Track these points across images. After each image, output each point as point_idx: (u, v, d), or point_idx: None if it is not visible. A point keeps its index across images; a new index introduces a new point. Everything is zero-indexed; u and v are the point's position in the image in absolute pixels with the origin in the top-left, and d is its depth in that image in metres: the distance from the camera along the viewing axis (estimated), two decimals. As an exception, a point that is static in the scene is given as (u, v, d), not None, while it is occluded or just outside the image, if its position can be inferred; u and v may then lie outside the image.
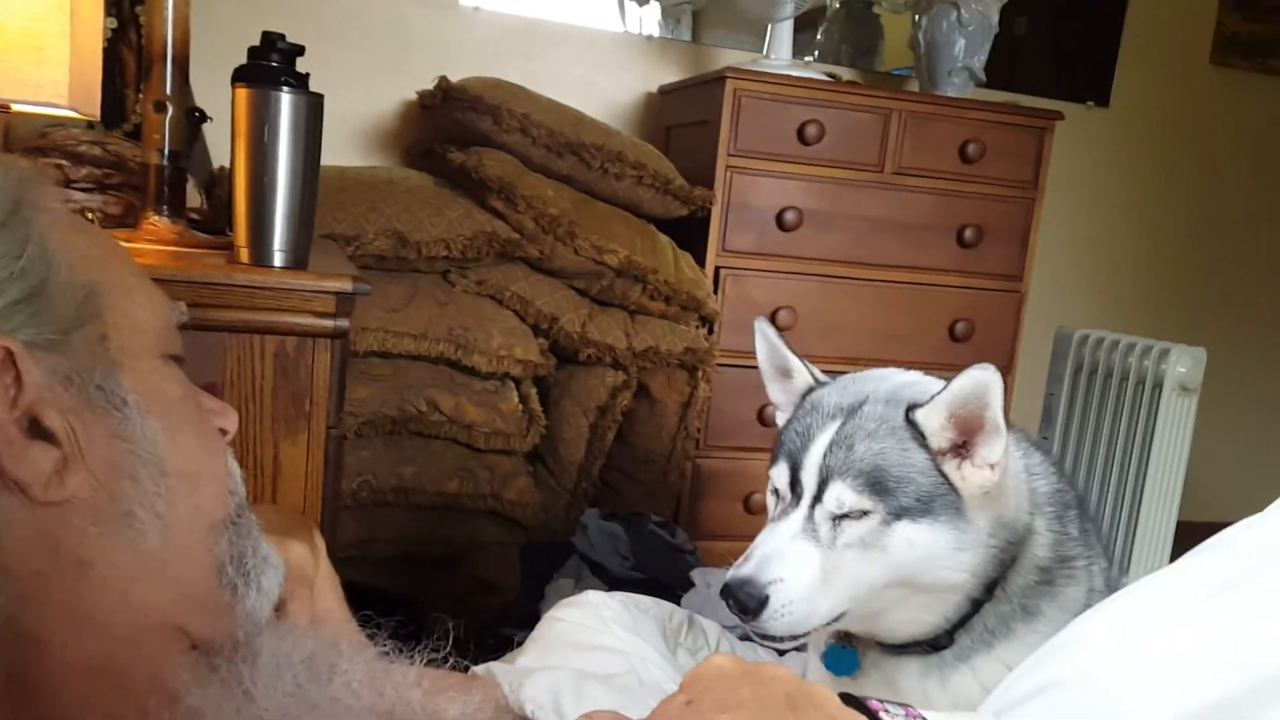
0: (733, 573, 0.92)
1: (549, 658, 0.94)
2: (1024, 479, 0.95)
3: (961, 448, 0.89)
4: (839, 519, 0.89)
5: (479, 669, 0.80)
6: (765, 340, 1.02)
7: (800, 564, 0.89)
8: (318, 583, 0.78)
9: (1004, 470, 0.89)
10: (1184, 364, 2.28)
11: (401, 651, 0.66)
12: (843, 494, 0.89)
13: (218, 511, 0.65)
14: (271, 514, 0.79)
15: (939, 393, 0.89)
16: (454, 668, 0.68)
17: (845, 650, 0.97)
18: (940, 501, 0.88)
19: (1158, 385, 2.30)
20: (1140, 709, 0.57)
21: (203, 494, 0.64)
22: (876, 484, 0.88)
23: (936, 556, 0.88)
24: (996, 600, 0.91)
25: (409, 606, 1.86)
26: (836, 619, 0.90)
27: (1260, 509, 0.68)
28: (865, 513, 0.88)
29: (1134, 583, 0.67)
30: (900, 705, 0.59)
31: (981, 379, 0.85)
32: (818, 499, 0.90)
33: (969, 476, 0.89)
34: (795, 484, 0.92)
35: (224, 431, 0.70)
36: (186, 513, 0.62)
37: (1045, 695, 0.64)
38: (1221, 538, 0.66)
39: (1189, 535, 1.40)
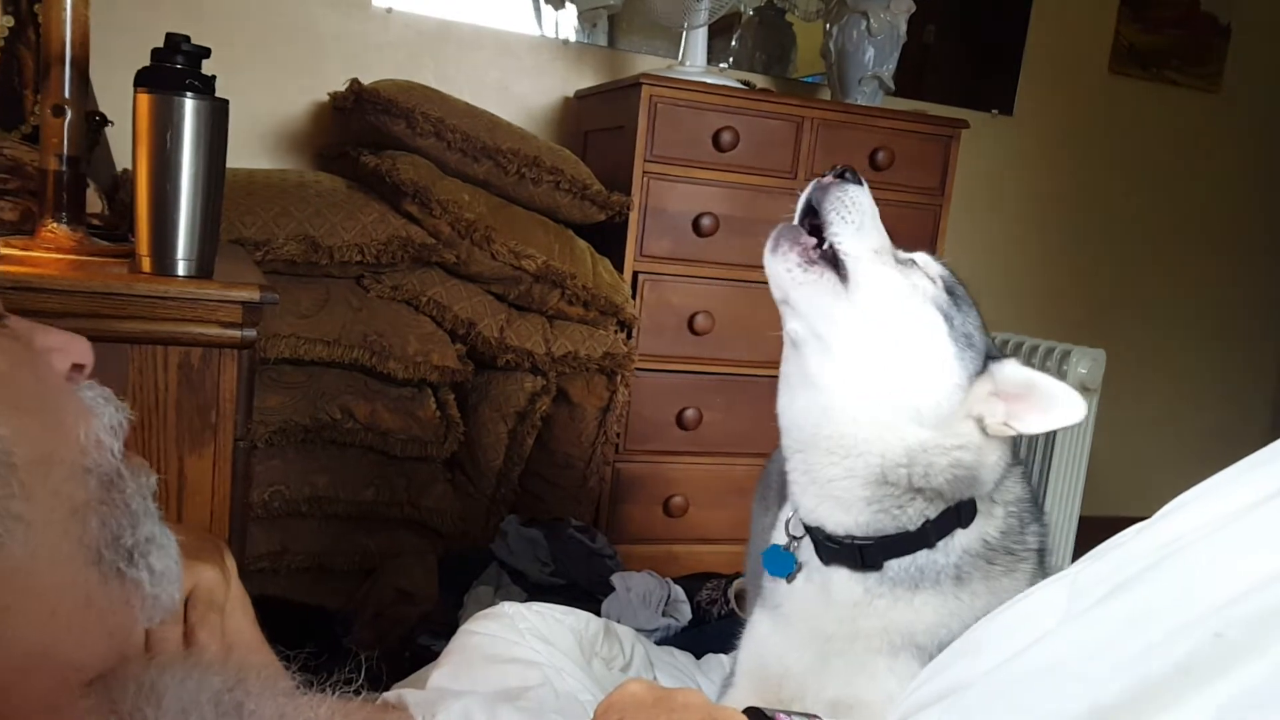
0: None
1: (464, 673, 0.94)
2: (1005, 466, 1.00)
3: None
4: (912, 263, 0.99)
5: (391, 695, 0.79)
6: None
7: (879, 223, 1.00)
8: (229, 607, 0.76)
9: (1003, 445, 0.97)
10: (1084, 365, 2.37)
11: (313, 684, 0.64)
12: (932, 262, 1.01)
13: (78, 493, 0.58)
14: (179, 535, 0.77)
15: (1037, 373, 0.96)
16: (367, 696, 0.66)
17: (786, 553, 1.01)
18: (969, 359, 0.95)
19: (1060, 385, 2.38)
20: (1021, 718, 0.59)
21: (56, 476, 0.56)
22: (954, 293, 0.98)
23: (929, 359, 0.93)
24: (936, 550, 0.95)
25: (323, 619, 1.83)
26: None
27: (1156, 501, 0.71)
28: (932, 282, 0.97)
29: (1024, 591, 0.69)
30: (805, 715, 0.61)
31: (1070, 409, 0.94)
32: (912, 255, 1.02)
33: (991, 407, 0.95)
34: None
35: (79, 368, 0.61)
36: (46, 503, 0.55)
37: (942, 703, 0.66)
38: (1111, 543, 0.69)
39: (1091, 529, 1.46)
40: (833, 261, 0.95)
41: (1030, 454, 2.46)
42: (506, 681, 0.91)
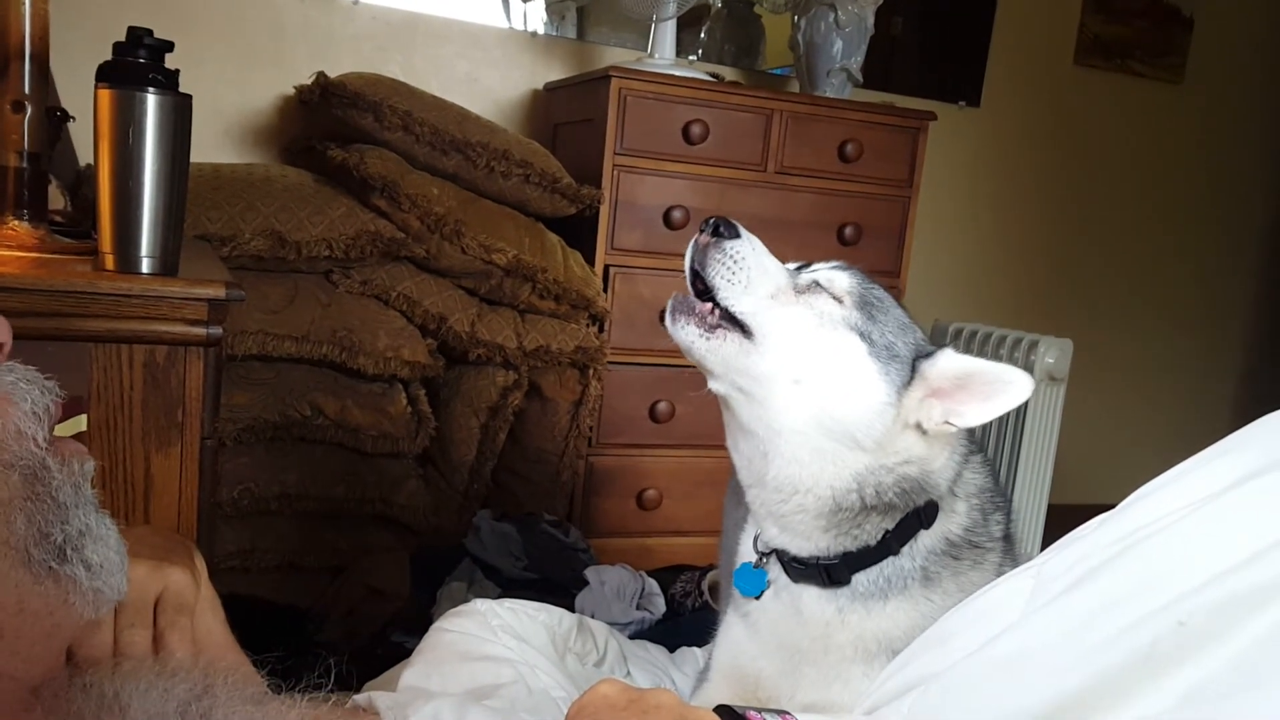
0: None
1: (436, 671, 0.93)
2: (958, 462, 0.98)
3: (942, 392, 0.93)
4: (815, 286, 0.93)
5: (361, 698, 0.79)
6: None
7: (770, 263, 0.94)
8: (199, 609, 0.75)
9: (951, 444, 0.94)
10: (1052, 355, 2.40)
11: (282, 688, 0.63)
12: (837, 276, 0.94)
13: (0, 490, 0.55)
14: (149, 537, 0.76)
15: (975, 360, 0.92)
16: (337, 699, 0.65)
17: (756, 571, 1.00)
18: (894, 371, 0.91)
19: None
20: (988, 709, 0.60)
21: None
22: (868, 305, 0.93)
23: (853, 384, 0.90)
24: (901, 556, 0.94)
25: (295, 617, 1.82)
26: (741, 348, 0.92)
27: (1122, 489, 0.72)
28: (839, 302, 0.92)
29: (992, 582, 0.70)
30: (777, 712, 0.61)
31: (1018, 387, 0.89)
32: (815, 274, 0.95)
33: (926, 411, 0.91)
34: (803, 268, 0.97)
35: None
36: None
37: (911, 695, 0.66)
38: (1075, 534, 0.70)
39: (1059, 517, 1.47)
40: (734, 318, 0.92)
41: (1000, 444, 2.48)
42: (479, 680, 0.91)
